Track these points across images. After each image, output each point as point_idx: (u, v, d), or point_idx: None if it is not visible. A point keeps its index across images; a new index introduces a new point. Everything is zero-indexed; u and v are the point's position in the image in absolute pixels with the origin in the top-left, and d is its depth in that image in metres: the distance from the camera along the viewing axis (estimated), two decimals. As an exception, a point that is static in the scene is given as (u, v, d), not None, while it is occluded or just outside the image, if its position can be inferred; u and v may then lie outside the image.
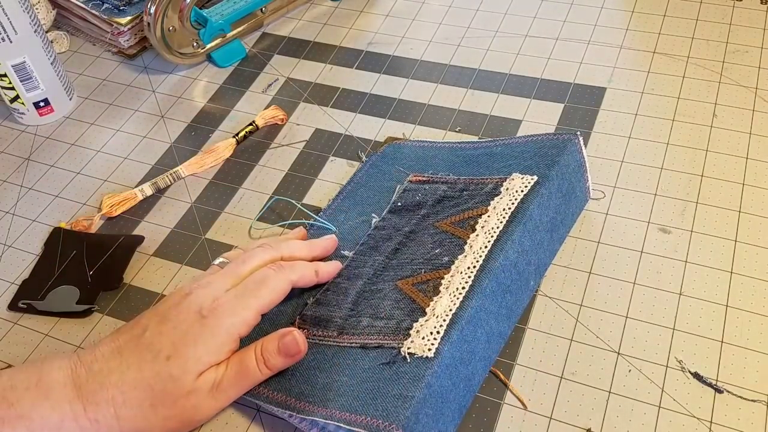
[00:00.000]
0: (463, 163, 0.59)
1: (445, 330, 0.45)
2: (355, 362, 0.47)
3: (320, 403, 0.45)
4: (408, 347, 0.45)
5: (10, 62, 0.68)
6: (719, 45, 0.71)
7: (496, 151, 0.58)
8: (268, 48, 0.79)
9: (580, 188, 0.56)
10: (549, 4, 0.78)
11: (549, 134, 0.57)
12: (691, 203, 0.58)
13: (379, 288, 0.51)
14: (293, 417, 0.46)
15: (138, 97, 0.75)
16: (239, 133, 0.68)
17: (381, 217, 0.57)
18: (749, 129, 0.63)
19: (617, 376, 0.49)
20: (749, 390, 0.48)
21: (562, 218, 0.54)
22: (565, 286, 0.54)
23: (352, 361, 0.47)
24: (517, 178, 0.53)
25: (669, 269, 0.54)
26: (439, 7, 0.80)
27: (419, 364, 0.44)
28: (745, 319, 0.51)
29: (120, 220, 0.63)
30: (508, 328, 0.50)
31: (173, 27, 0.74)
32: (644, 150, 0.63)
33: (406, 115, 0.69)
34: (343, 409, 0.44)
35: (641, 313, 0.52)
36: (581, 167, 0.56)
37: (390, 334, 0.47)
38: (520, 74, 0.71)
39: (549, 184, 0.53)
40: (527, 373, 0.50)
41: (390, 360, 0.46)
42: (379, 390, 0.44)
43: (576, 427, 0.47)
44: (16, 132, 0.74)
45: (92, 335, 0.55)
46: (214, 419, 0.50)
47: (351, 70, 0.75)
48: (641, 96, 0.67)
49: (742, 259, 0.54)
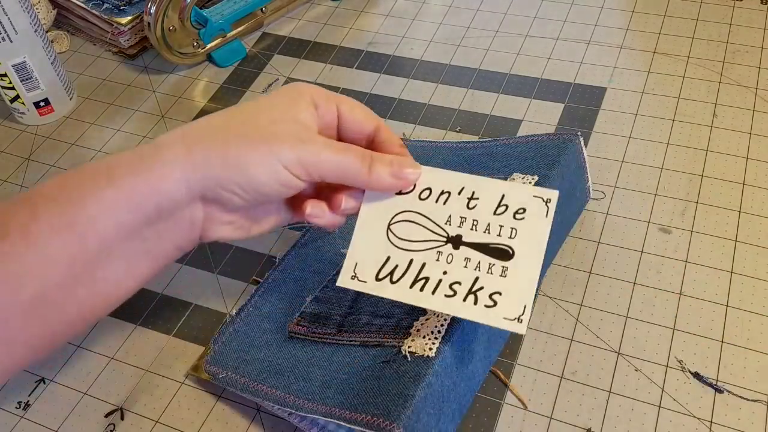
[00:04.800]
0: (463, 163, 0.59)
1: (446, 329, 0.45)
2: (354, 360, 0.47)
3: (320, 401, 0.45)
4: (409, 346, 0.45)
5: (10, 62, 0.68)
6: (719, 45, 0.71)
7: (496, 150, 0.58)
8: (268, 48, 0.79)
9: (580, 189, 0.56)
10: (549, 4, 0.78)
11: (550, 134, 0.57)
12: (691, 203, 0.58)
13: None
14: (293, 416, 0.46)
15: (138, 97, 0.75)
16: (239, 133, 0.68)
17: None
18: (749, 129, 0.63)
19: (617, 376, 0.49)
20: (749, 390, 0.48)
21: (561, 218, 0.54)
22: (565, 286, 0.54)
23: (352, 359, 0.47)
24: (517, 177, 0.53)
25: (669, 269, 0.54)
26: (439, 7, 0.80)
27: (420, 363, 0.44)
28: (745, 319, 0.51)
29: (120, 220, 0.63)
30: None
31: (173, 27, 0.74)
32: (644, 150, 0.63)
33: (406, 115, 0.69)
34: (343, 407, 0.44)
35: (641, 313, 0.52)
36: (582, 168, 0.56)
37: (390, 332, 0.47)
38: (520, 74, 0.71)
39: (549, 184, 0.52)
40: (527, 373, 0.50)
41: (390, 358, 0.46)
42: (380, 388, 0.44)
43: (576, 427, 0.47)
44: (16, 132, 0.74)
45: (92, 335, 0.55)
46: (214, 419, 0.50)
47: (351, 70, 0.75)
48: (641, 96, 0.67)
49: (742, 259, 0.54)
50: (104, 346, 0.55)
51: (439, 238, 0.42)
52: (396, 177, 0.42)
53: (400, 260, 0.42)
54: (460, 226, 0.42)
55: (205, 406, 0.51)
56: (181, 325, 0.55)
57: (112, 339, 0.55)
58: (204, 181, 0.39)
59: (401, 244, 0.42)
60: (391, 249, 0.43)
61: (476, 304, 0.40)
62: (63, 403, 0.52)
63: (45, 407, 0.52)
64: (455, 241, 0.42)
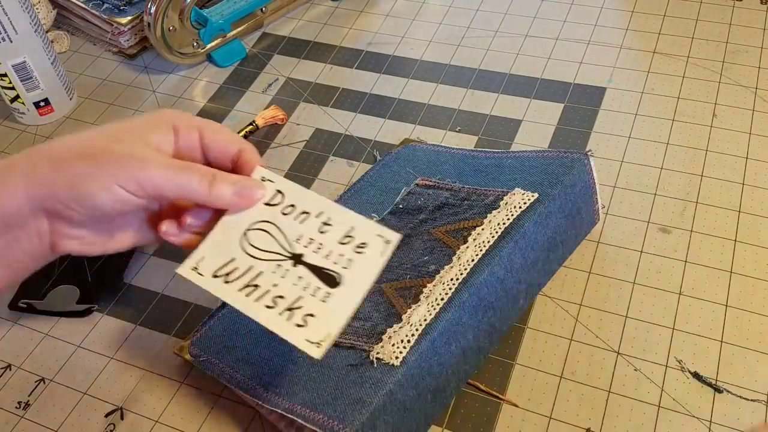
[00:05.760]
0: (471, 172, 0.58)
1: (416, 339, 0.45)
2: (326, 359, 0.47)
3: (285, 396, 0.46)
4: (377, 352, 0.45)
5: (10, 62, 0.68)
6: (719, 45, 0.71)
7: (505, 163, 0.57)
8: (268, 48, 0.79)
9: (587, 210, 0.55)
10: (549, 4, 0.79)
11: (560, 151, 0.56)
12: (691, 203, 0.58)
13: None
14: (262, 408, 0.46)
15: (138, 97, 0.75)
16: (239, 133, 0.68)
17: (381, 218, 0.57)
18: (749, 129, 0.63)
19: (617, 376, 0.49)
20: (749, 390, 0.48)
21: (562, 239, 0.53)
22: (565, 286, 0.54)
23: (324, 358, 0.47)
24: (518, 193, 0.52)
25: (669, 269, 0.54)
26: (439, 7, 0.80)
27: (384, 371, 0.44)
28: (744, 319, 0.51)
29: (120, 220, 0.63)
30: (489, 344, 0.50)
31: (173, 27, 0.74)
32: (644, 150, 0.63)
33: (406, 115, 0.69)
34: (305, 405, 0.44)
35: (641, 313, 0.52)
36: (590, 189, 0.54)
37: (364, 336, 0.47)
38: (520, 74, 0.71)
39: (550, 203, 0.51)
40: (527, 372, 0.50)
41: (358, 362, 0.46)
42: (341, 391, 0.44)
43: (576, 426, 0.47)
44: (17, 132, 0.74)
45: (92, 335, 0.56)
46: (214, 419, 0.50)
47: (351, 70, 0.75)
48: (641, 96, 0.67)
49: (742, 259, 0.54)
50: (104, 346, 0.55)
51: (285, 252, 0.44)
52: (239, 195, 0.43)
53: (241, 264, 0.43)
54: (307, 246, 0.44)
55: (204, 406, 0.51)
56: (181, 325, 0.55)
57: (112, 339, 0.55)
58: (44, 197, 0.41)
59: (249, 250, 0.44)
60: (237, 252, 0.44)
61: (289, 320, 0.41)
62: (63, 403, 0.52)
63: (45, 407, 0.52)
64: (296, 258, 0.44)
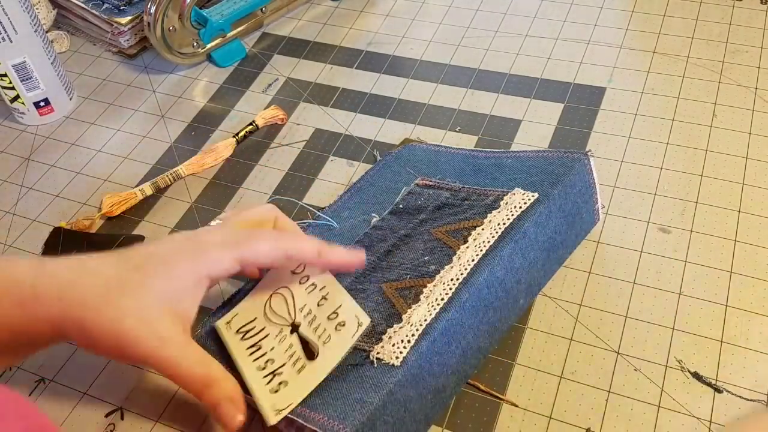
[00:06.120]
0: (471, 172, 0.58)
1: (417, 340, 0.45)
2: None
3: None
4: (377, 352, 0.45)
5: (10, 62, 0.68)
6: (719, 45, 0.71)
7: (505, 163, 0.57)
8: (268, 48, 0.79)
9: (587, 210, 0.55)
10: (549, 4, 0.79)
11: (560, 151, 0.56)
12: (690, 203, 0.58)
13: (364, 288, 0.51)
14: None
15: (138, 97, 0.75)
16: (239, 133, 0.68)
17: (381, 217, 0.57)
18: (749, 129, 0.63)
19: (617, 376, 0.49)
20: (749, 390, 0.48)
21: (562, 239, 0.53)
22: (565, 286, 0.54)
23: None
24: (518, 193, 0.52)
25: (669, 269, 0.54)
26: (439, 7, 0.80)
27: (384, 371, 0.44)
28: (744, 319, 0.51)
29: (120, 220, 0.63)
30: (489, 344, 0.50)
31: (173, 27, 0.74)
32: (644, 150, 0.63)
33: (406, 115, 0.69)
34: (305, 405, 0.44)
35: (641, 313, 0.52)
36: (590, 189, 0.54)
37: (365, 335, 0.47)
38: (520, 74, 0.71)
39: (549, 203, 0.51)
40: (527, 372, 0.50)
41: (358, 362, 0.46)
42: (342, 391, 0.44)
43: (576, 426, 0.47)
44: (16, 132, 0.74)
45: (92, 335, 0.55)
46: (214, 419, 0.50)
47: (351, 70, 0.75)
48: (641, 96, 0.68)
49: (742, 259, 0.54)
50: (104, 346, 0.55)
51: (289, 319, 0.48)
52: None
53: (258, 324, 0.48)
54: (305, 316, 0.48)
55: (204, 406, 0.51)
56: (181, 325, 0.55)
57: (112, 339, 0.55)
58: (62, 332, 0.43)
59: (268, 312, 0.48)
60: (260, 312, 0.48)
61: (267, 384, 0.45)
62: (63, 403, 0.52)
63: (45, 407, 0.52)
64: (294, 327, 0.47)
